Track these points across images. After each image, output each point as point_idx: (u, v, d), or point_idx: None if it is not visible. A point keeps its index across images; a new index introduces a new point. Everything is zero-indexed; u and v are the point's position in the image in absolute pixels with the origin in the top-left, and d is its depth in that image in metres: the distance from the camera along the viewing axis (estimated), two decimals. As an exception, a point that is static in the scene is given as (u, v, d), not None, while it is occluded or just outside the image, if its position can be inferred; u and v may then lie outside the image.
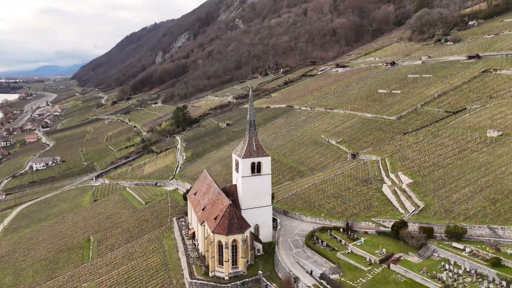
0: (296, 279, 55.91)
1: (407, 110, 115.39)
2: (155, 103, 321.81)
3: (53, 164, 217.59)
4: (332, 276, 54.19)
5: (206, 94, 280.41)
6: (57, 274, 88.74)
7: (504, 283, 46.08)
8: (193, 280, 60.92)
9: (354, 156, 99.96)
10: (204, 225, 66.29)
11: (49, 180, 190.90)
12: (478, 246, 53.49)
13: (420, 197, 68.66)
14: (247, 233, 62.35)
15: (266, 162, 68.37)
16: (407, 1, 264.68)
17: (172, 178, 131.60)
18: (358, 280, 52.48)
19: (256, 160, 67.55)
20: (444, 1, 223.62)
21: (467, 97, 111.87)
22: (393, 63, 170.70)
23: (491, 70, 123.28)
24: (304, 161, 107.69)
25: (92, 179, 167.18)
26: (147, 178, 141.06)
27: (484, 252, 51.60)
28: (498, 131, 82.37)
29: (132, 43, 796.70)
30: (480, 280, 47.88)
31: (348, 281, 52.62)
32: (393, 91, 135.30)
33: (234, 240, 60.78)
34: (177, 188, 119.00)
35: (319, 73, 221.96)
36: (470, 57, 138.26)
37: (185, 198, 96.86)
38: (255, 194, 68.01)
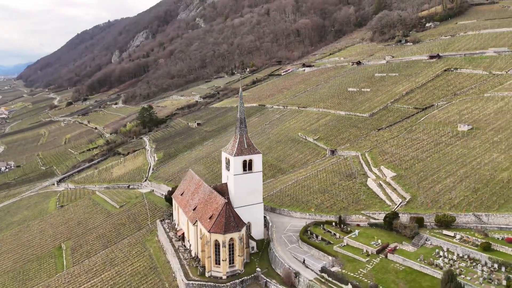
0: (297, 274, 56.10)
1: (379, 107, 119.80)
2: (116, 103, 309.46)
3: (7, 170, 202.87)
4: (333, 269, 54.99)
5: (171, 94, 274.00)
6: (29, 285, 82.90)
7: (496, 265, 49.14)
8: (190, 282, 59.23)
9: (333, 152, 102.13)
10: (197, 225, 64.68)
11: (4, 187, 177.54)
12: (467, 232, 56.68)
13: (405, 189, 71.53)
14: (243, 231, 61.69)
15: (257, 160, 68.06)
16: (366, 3, 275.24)
17: (146, 180, 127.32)
18: (359, 271, 53.68)
19: (247, 157, 67.03)
20: (402, 4, 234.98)
21: (433, 94, 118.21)
22: (359, 63, 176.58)
23: (452, 69, 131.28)
24: (283, 159, 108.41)
25: (54, 184, 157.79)
26: (118, 181, 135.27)
27: (474, 238, 54.72)
28: (468, 125, 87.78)
29: (84, 42, 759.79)
30: (474, 264, 50.72)
31: (349, 273, 53.66)
32: (362, 89, 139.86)
33: (231, 239, 59.91)
34: (153, 190, 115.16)
35: (283, 73, 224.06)
36: (431, 57, 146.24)
37: (168, 200, 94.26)
38: (247, 192, 67.48)
